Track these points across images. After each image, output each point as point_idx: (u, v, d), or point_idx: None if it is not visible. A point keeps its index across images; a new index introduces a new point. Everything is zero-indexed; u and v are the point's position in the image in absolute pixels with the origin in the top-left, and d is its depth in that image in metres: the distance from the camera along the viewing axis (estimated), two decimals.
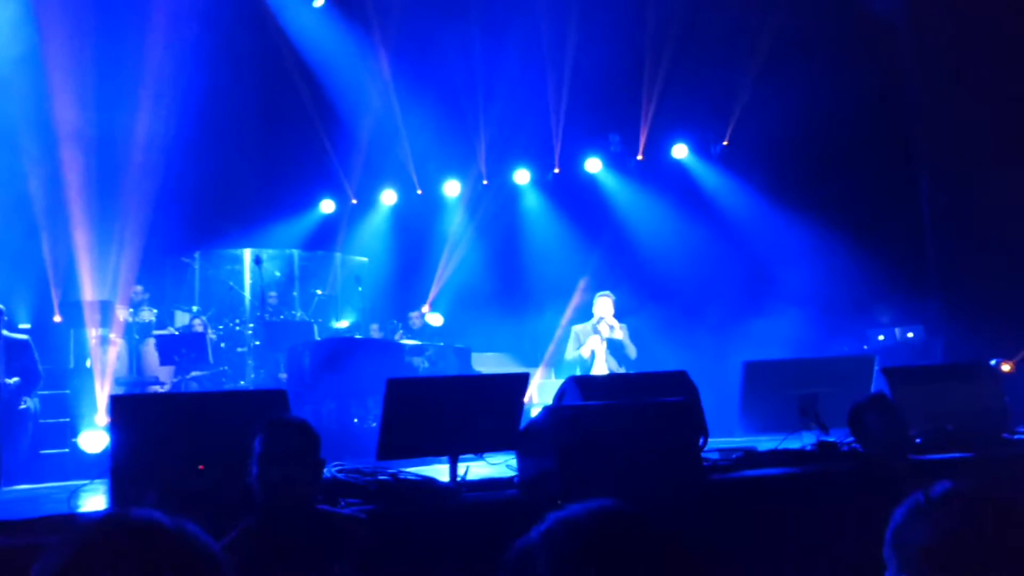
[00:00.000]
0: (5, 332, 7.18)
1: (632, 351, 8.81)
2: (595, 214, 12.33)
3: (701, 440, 4.69)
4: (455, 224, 13.11)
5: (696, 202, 11.72)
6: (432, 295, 12.62)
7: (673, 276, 11.20)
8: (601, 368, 8.76)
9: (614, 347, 8.81)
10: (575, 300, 11.21)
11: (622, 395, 4.87)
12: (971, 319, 8.95)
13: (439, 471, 4.59)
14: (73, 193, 10.39)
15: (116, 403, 4.04)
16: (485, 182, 13.04)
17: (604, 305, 8.93)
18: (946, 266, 9.79)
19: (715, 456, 4.84)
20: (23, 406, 7.25)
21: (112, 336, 9.84)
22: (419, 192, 13.53)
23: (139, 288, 10.78)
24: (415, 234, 13.46)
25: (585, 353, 8.78)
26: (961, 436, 4.90)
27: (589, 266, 11.72)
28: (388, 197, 13.74)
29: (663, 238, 11.60)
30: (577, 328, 9.05)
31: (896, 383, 5.13)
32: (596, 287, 10.65)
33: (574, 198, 12.57)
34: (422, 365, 9.74)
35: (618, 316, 8.94)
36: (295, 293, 12.63)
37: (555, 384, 6.46)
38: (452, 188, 13.32)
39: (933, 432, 4.91)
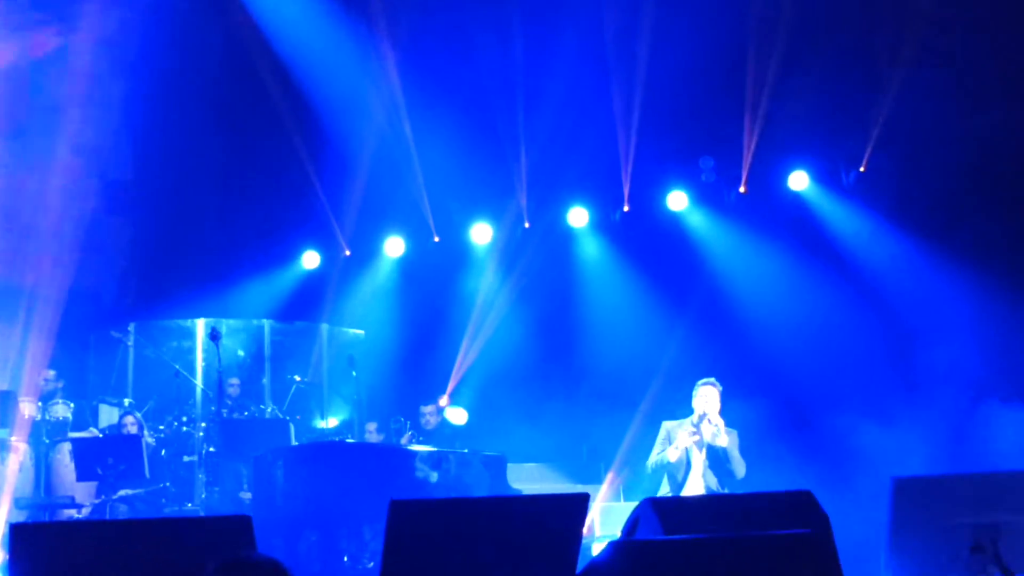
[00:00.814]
0: None
1: (741, 468, 8.69)
2: (680, 267, 12.28)
3: None
4: (485, 283, 13.17)
5: (821, 249, 11.62)
6: (453, 383, 12.60)
7: (788, 351, 11.06)
8: (696, 486, 8.65)
9: (716, 458, 8.71)
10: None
11: (719, 525, 4.77)
12: None
13: None
14: None
15: (16, 534, 4.05)
16: (527, 225, 13.11)
17: (708, 397, 8.85)
18: None
19: None
20: None
21: (13, 440, 9.90)
22: (436, 240, 13.63)
23: (51, 374, 10.87)
24: (430, 297, 13.52)
25: (672, 456, 8.69)
26: None
27: (672, 340, 11.63)
28: (394, 247, 13.84)
29: (775, 298, 11.49)
30: (669, 425, 8.97)
31: None
32: (683, 372, 10.52)
33: (650, 245, 12.54)
34: (438, 480, 9.69)
35: (724, 416, 8.86)
36: (265, 380, 12.67)
37: (626, 509, 6.37)
38: (482, 234, 13.39)
39: None
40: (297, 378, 12.17)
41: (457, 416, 11.34)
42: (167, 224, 12.84)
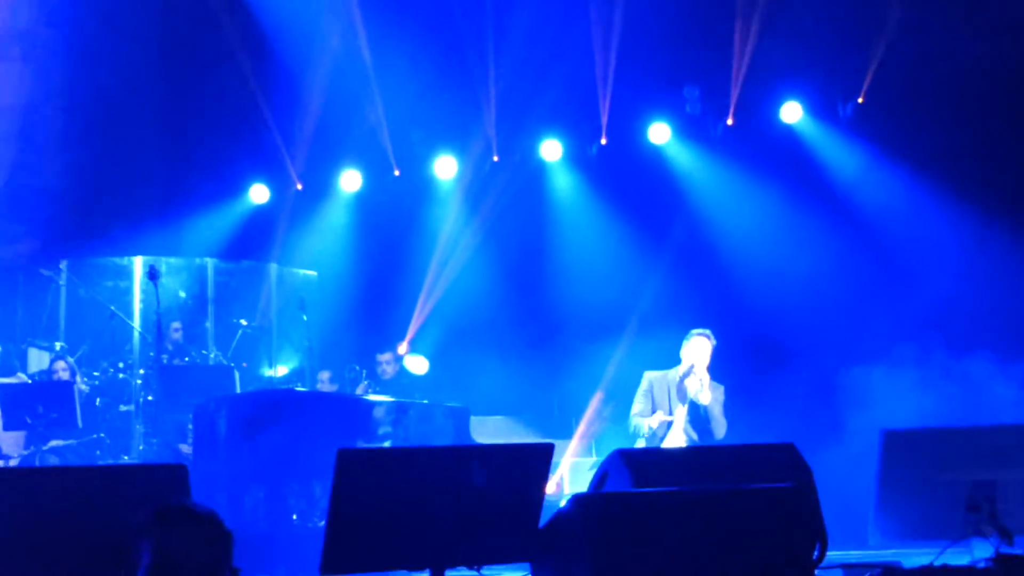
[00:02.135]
0: None
1: (721, 429, 8.81)
2: (662, 205, 12.31)
3: (816, 550, 4.64)
4: (450, 222, 13.16)
5: (814, 186, 11.67)
6: (413, 328, 12.63)
7: (777, 295, 11.14)
8: (676, 442, 8.76)
9: (697, 415, 8.80)
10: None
11: (695, 478, 4.84)
12: None
13: None
14: None
15: None
16: (496, 158, 13.09)
17: (699, 350, 8.93)
18: None
19: (838, 575, 4.77)
20: None
21: None
22: (396, 174, 13.60)
23: None
24: (389, 236, 13.52)
25: (653, 424, 8.78)
26: None
27: (652, 283, 11.69)
28: (350, 181, 13.80)
29: (763, 239, 11.55)
30: (652, 376, 9.05)
31: None
32: (663, 318, 10.58)
33: (629, 181, 12.56)
34: (395, 433, 9.74)
35: (712, 368, 8.93)
36: (208, 324, 12.66)
37: (597, 465, 6.43)
38: (446, 167, 13.37)
39: None
40: (243, 322, 12.17)
41: (417, 365, 11.38)
42: (103, 154, 12.74)
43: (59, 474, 4.95)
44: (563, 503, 5.41)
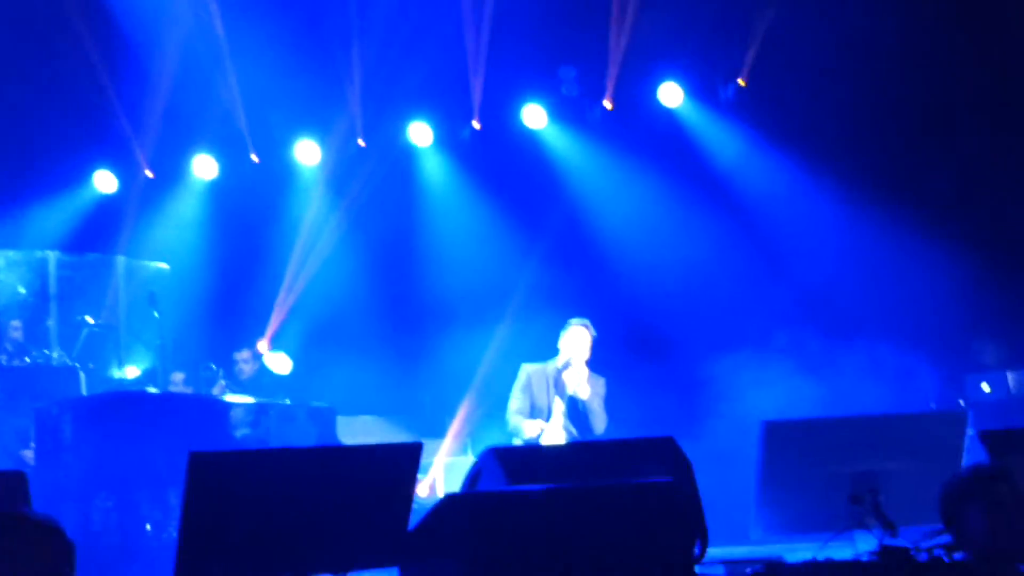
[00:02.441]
0: None
1: (600, 424, 8.83)
2: (537, 191, 12.39)
3: (696, 545, 4.69)
4: (312, 210, 13.08)
5: (694, 171, 11.87)
6: (274, 324, 12.54)
7: (656, 286, 11.31)
8: (555, 438, 8.75)
9: (576, 410, 8.84)
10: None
11: (572, 474, 4.85)
12: None
13: None
14: None
15: None
16: (362, 143, 13.03)
17: (578, 341, 8.93)
18: None
19: (719, 572, 4.83)
20: None
21: None
22: (254, 159, 13.44)
23: None
24: (247, 226, 13.37)
25: (530, 433, 8.79)
26: None
27: (527, 273, 11.76)
28: (204, 167, 13.60)
29: (643, 227, 11.70)
30: (529, 369, 9.03)
31: (999, 453, 5.19)
32: (539, 309, 10.63)
33: (503, 166, 12.62)
34: (255, 435, 9.66)
35: (592, 360, 8.98)
36: (50, 322, 12.37)
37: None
38: (308, 153, 13.26)
39: None
40: (89, 319, 11.94)
41: (279, 363, 11.29)
42: None
43: None
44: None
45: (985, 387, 10.11)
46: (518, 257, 12.02)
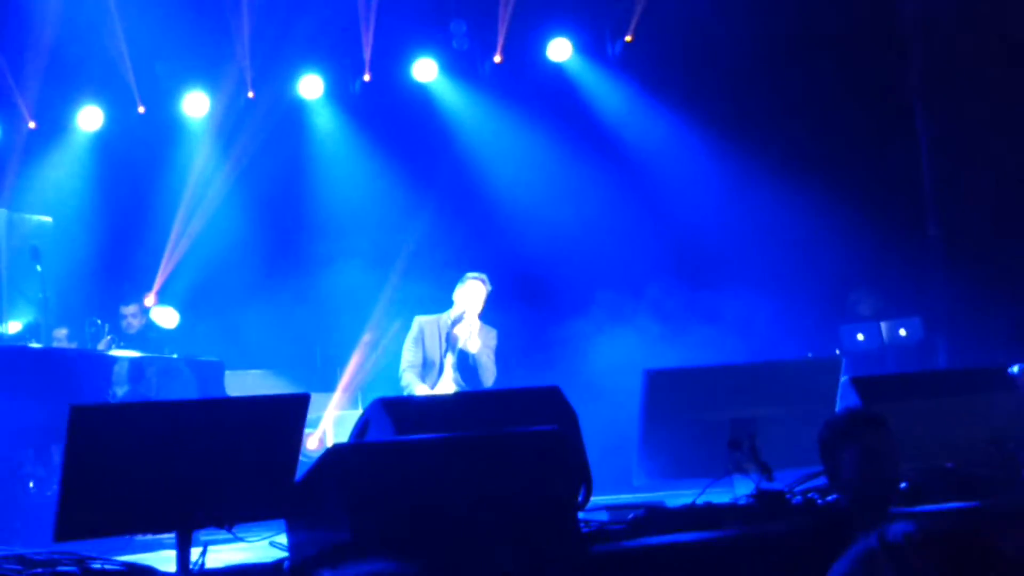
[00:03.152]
0: None
1: (489, 376, 8.92)
2: (427, 144, 12.37)
3: (581, 492, 4.75)
4: (200, 162, 12.89)
5: (584, 127, 11.94)
6: (161, 278, 12.36)
7: (545, 239, 11.39)
8: (445, 389, 8.85)
9: (465, 363, 8.89)
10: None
11: (459, 424, 4.89)
12: (984, 311, 9.50)
13: (161, 558, 4.54)
14: None
15: None
16: (251, 95, 12.86)
17: (472, 295, 8.98)
18: (954, 237, 10.37)
19: (602, 517, 4.91)
20: None
21: None
22: (141, 111, 13.19)
23: None
24: (133, 178, 13.13)
25: (421, 392, 8.80)
26: (966, 476, 5.16)
27: (417, 226, 11.75)
28: (89, 119, 13.32)
29: (532, 181, 11.76)
30: (422, 321, 9.06)
31: (871, 399, 5.35)
32: (428, 261, 10.64)
33: (394, 120, 12.58)
34: (140, 390, 9.55)
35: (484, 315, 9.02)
36: None
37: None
38: (196, 104, 13.06)
39: (925, 472, 5.14)
40: None
41: (166, 318, 11.13)
42: None
43: None
44: None
45: (860, 336, 10.39)
46: (409, 210, 12.02)
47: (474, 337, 8.92)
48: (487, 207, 12.01)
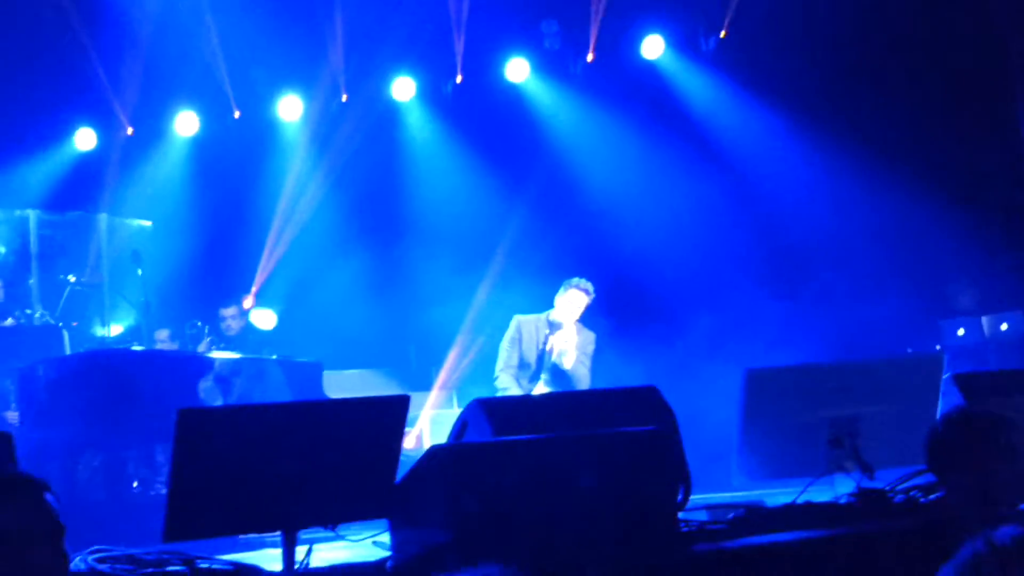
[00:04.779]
0: None
1: (584, 385, 8.87)
2: (520, 145, 12.38)
3: (680, 492, 4.75)
4: (295, 166, 13.04)
5: (676, 124, 11.88)
6: (259, 280, 12.54)
7: (639, 237, 11.35)
8: (540, 392, 8.85)
9: (560, 376, 8.88)
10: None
11: (557, 425, 4.90)
12: None
13: (266, 556, 4.58)
14: None
15: None
16: (345, 97, 12.98)
17: (573, 303, 8.91)
18: None
19: (702, 517, 4.90)
20: None
21: None
22: (236, 115, 13.40)
23: None
24: (230, 182, 13.31)
25: (513, 391, 8.79)
26: None
27: (510, 227, 11.78)
28: (186, 124, 13.54)
29: (626, 180, 11.73)
30: (522, 320, 9.04)
31: (973, 396, 5.27)
32: (523, 261, 10.67)
33: (486, 120, 12.60)
34: (242, 391, 9.68)
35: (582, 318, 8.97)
36: (32, 281, 12.34)
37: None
38: (291, 108, 13.22)
39: None
40: (72, 278, 11.88)
41: (264, 319, 11.28)
42: None
43: None
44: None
45: (960, 332, 10.24)
46: (502, 210, 12.03)
47: (571, 351, 8.85)
48: (581, 206, 11.99)
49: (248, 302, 11.78)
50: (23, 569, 3.07)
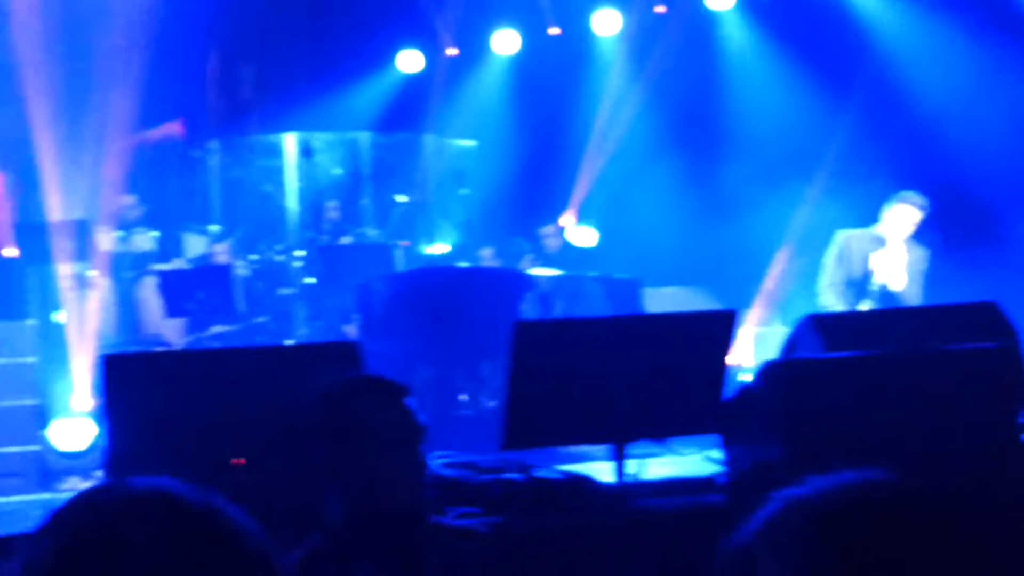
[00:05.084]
0: None
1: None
2: (842, 51, 11.95)
3: (1022, 414, 4.58)
4: (613, 80, 13.02)
5: (1015, 25, 11.18)
6: (579, 197, 12.66)
7: (976, 148, 10.76)
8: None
9: (887, 297, 8.59)
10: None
11: (892, 341, 4.80)
12: None
13: (597, 468, 4.66)
14: (26, 56, 10.85)
15: (111, 366, 4.19)
16: (663, 9, 12.84)
17: (903, 218, 8.57)
18: None
19: None
20: None
21: (93, 275, 10.32)
22: (554, 32, 13.50)
23: (131, 199, 11.18)
24: (549, 100, 13.48)
25: (832, 303, 8.59)
26: None
27: (834, 140, 11.43)
28: (505, 42, 13.75)
29: (959, 86, 11.14)
30: (847, 236, 8.76)
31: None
32: (848, 173, 10.37)
33: (807, 27, 12.22)
34: (563, 307, 9.82)
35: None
36: (365, 200, 12.89)
37: (783, 335, 6.45)
38: (607, 22, 13.18)
39: None
40: (400, 198, 12.32)
41: (584, 236, 11.42)
42: (247, 26, 12.91)
43: (237, 357, 5.13)
44: (744, 375, 5.44)
45: None
46: (824, 121, 11.65)
47: (900, 270, 8.55)
48: (910, 115, 11.47)
49: (567, 220, 11.94)
50: (386, 468, 3.24)
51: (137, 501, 1.47)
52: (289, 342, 10.35)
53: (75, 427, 9.09)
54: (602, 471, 4.60)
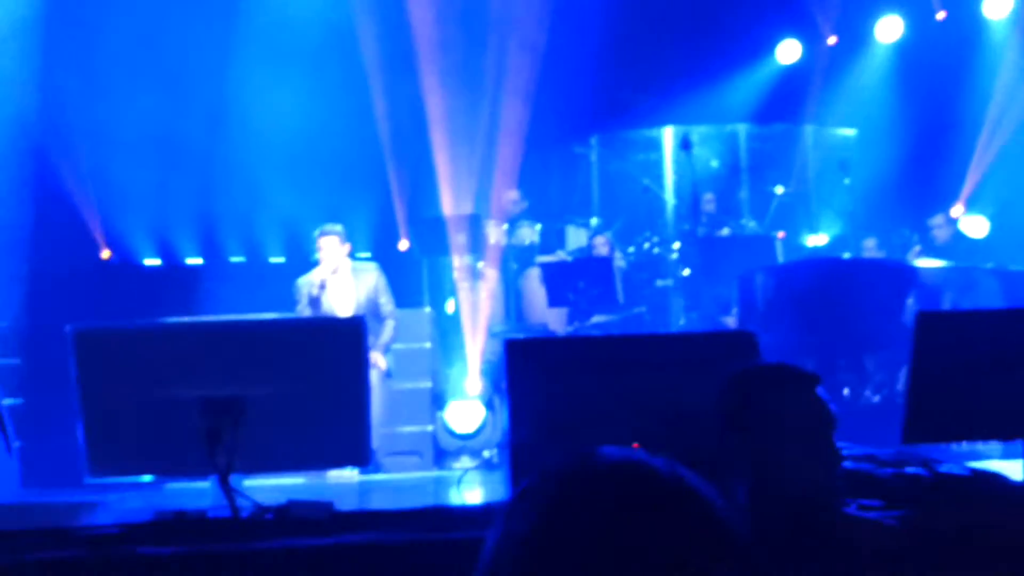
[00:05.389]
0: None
1: None
2: None
3: None
4: (1007, 66, 12.49)
5: None
6: (969, 187, 12.23)
7: None
8: None
9: None
10: None
11: None
12: None
13: (997, 467, 4.56)
14: (424, 48, 11.44)
15: (511, 350, 4.44)
16: None
17: None
18: None
19: None
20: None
21: (483, 267, 10.80)
22: (941, 16, 13.08)
23: (515, 195, 11.62)
24: (936, 86, 13.04)
25: None
26: None
27: None
28: (888, 29, 13.46)
29: None
30: None
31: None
32: None
33: None
34: (954, 303, 9.49)
35: None
36: (742, 193, 12.87)
37: None
38: (998, 5, 12.69)
39: None
40: (779, 189, 12.21)
41: (975, 227, 10.99)
42: (626, 19, 13.08)
43: (631, 342, 5.28)
44: None
45: None
46: None
47: None
48: None
49: (957, 210, 11.52)
50: (800, 456, 3.25)
51: (614, 470, 1.55)
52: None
53: (467, 409, 9.60)
54: (1010, 470, 4.46)
